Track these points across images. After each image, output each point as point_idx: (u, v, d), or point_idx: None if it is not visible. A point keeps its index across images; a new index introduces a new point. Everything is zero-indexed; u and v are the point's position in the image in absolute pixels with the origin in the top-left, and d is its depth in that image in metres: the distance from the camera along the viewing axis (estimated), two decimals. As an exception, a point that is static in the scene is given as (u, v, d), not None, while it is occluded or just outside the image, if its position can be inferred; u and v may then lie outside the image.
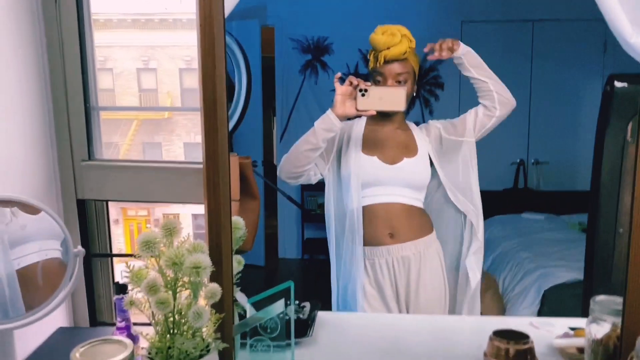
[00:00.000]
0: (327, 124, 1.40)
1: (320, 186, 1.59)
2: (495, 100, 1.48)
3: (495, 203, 3.82)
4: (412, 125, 1.55)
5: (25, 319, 0.93)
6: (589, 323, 1.04)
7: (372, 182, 1.47)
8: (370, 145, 1.50)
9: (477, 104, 1.53)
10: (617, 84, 1.57)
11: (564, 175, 3.80)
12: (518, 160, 3.92)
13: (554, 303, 2.29)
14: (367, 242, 1.49)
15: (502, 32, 3.71)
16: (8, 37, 1.17)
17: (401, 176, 1.48)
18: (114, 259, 1.37)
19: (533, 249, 2.83)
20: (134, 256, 0.88)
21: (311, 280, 3.60)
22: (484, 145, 4.09)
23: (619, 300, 0.98)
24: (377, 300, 1.51)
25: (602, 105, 1.59)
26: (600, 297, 1.02)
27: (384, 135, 1.52)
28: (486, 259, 3.04)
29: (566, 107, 3.65)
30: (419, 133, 1.53)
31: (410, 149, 1.50)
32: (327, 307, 1.54)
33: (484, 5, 3.64)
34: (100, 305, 1.32)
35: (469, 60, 1.47)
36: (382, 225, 1.49)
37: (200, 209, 0.97)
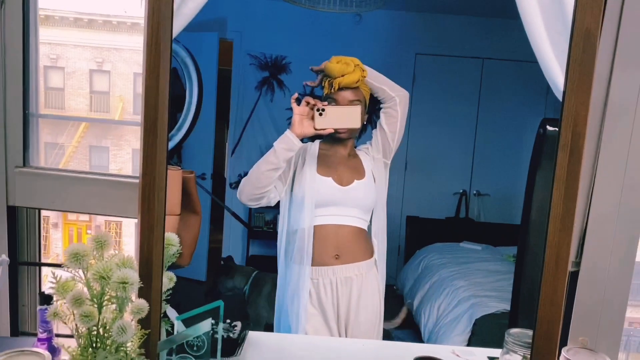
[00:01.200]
0: (287, 144, 1.45)
1: (267, 203, 1.62)
2: (397, 103, 1.56)
3: (436, 231, 3.94)
4: (358, 151, 1.62)
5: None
6: (503, 354, 1.10)
7: (325, 202, 1.53)
8: (324, 167, 1.56)
9: (430, 127, 1.62)
10: (549, 128, 1.67)
11: (503, 207, 3.94)
12: (461, 191, 4.04)
13: (484, 332, 2.36)
14: (313, 262, 1.54)
15: (453, 66, 3.85)
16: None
17: (352, 197, 1.55)
18: (43, 267, 1.34)
19: (468, 278, 2.92)
20: (58, 266, 0.87)
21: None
22: (430, 175, 4.17)
23: (530, 333, 1.05)
24: (318, 319, 1.55)
25: (534, 147, 1.68)
26: (514, 330, 1.09)
27: (337, 159, 1.58)
28: (424, 284, 3.13)
29: (509, 143, 3.81)
30: (364, 156, 1.60)
31: (359, 172, 1.57)
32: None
33: (437, 39, 3.78)
34: (23, 315, 1.28)
35: (371, 76, 1.55)
36: (330, 247, 1.54)
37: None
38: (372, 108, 1.67)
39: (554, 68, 1.30)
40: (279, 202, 1.60)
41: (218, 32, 3.77)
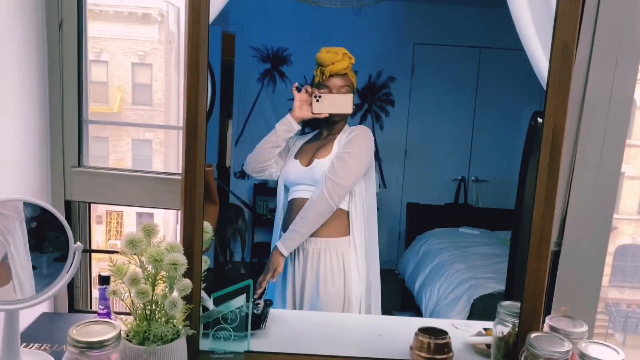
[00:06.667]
0: (286, 126, 1.67)
1: (271, 191, 1.79)
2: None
3: (436, 217, 4.05)
4: (346, 128, 1.77)
5: (30, 301, 1.06)
6: (495, 324, 1.24)
7: (293, 181, 1.74)
8: (301, 151, 1.76)
9: (428, 115, 1.81)
10: (539, 120, 1.79)
11: (501, 193, 4.03)
12: (460, 177, 4.13)
13: (482, 311, 2.51)
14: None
15: (451, 55, 3.93)
16: (16, 58, 1.32)
17: (312, 175, 1.72)
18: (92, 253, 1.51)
19: (467, 261, 3.05)
20: (110, 252, 1.01)
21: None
22: (429, 163, 4.29)
23: (518, 304, 1.19)
24: (278, 290, 1.71)
25: (527, 137, 1.81)
26: (505, 302, 1.23)
27: (315, 143, 1.76)
28: (424, 268, 3.26)
29: (506, 130, 3.90)
30: (341, 137, 1.74)
31: (325, 152, 1.73)
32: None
33: (435, 29, 3.86)
34: (77, 295, 1.43)
35: None
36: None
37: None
38: (371, 97, 1.83)
39: (539, 56, 1.41)
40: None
41: (220, 26, 3.85)
